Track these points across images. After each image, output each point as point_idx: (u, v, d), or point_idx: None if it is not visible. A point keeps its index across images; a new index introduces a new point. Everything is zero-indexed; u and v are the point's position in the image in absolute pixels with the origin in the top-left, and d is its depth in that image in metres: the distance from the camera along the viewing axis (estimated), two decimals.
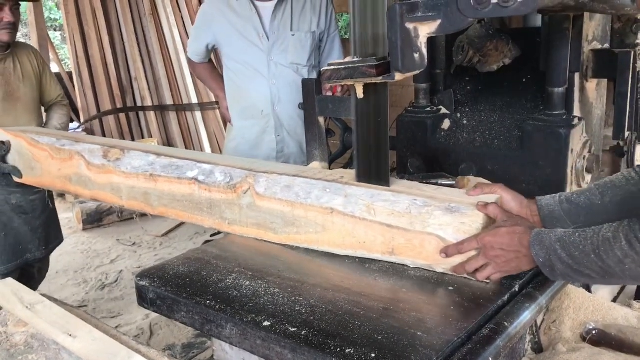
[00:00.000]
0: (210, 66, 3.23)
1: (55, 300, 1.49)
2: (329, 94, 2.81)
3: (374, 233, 1.42)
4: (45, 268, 3.10)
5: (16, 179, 2.38)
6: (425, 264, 1.38)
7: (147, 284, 1.46)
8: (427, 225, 1.35)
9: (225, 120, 3.18)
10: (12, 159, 2.37)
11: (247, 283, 1.40)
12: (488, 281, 1.33)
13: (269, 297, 1.33)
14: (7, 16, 2.56)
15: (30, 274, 2.98)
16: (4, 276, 2.65)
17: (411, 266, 1.41)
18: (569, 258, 1.16)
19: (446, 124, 1.99)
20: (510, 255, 1.26)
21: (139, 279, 1.48)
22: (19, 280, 2.84)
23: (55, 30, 12.79)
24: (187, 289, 1.40)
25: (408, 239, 1.38)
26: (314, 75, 2.94)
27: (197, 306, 1.33)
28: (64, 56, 9.87)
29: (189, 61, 3.23)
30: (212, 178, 1.70)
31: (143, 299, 1.48)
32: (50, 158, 2.14)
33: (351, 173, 1.60)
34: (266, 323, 1.22)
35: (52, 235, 2.94)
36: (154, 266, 1.57)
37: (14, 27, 2.62)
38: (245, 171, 1.66)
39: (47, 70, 2.98)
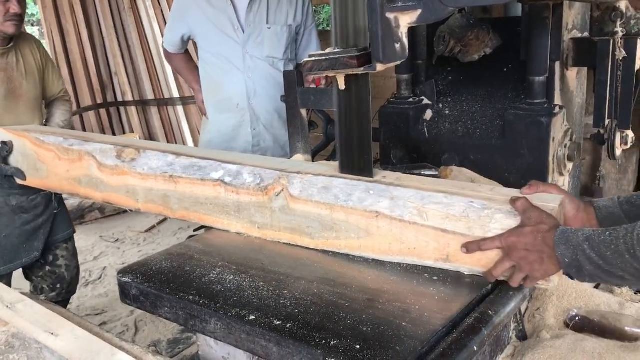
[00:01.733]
0: (186, 57, 3.19)
1: (36, 299, 1.46)
2: (312, 86, 2.80)
3: (426, 238, 1.32)
4: (73, 264, 2.89)
5: (19, 181, 2.26)
6: (484, 271, 1.28)
7: (130, 280, 1.44)
8: (488, 230, 1.24)
9: (202, 113, 3.15)
10: (14, 160, 2.24)
11: (231, 277, 1.39)
12: (520, 287, 1.27)
13: (253, 290, 1.32)
14: (14, 7, 2.42)
15: (60, 275, 2.83)
16: (8, 277, 2.59)
17: (467, 273, 1.31)
18: (599, 258, 1.08)
19: (428, 114, 1.99)
20: (534, 256, 1.18)
21: (121, 275, 1.47)
22: (53, 288, 2.82)
23: (32, 25, 12.59)
24: (170, 285, 1.39)
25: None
26: (290, 69, 2.93)
27: (181, 301, 1.32)
28: None
29: (165, 51, 3.18)
30: (240, 179, 1.59)
31: (126, 296, 1.46)
32: (57, 159, 2.02)
33: (335, 165, 1.60)
34: (251, 317, 1.21)
35: (62, 227, 2.81)
36: (136, 262, 1.55)
37: (20, 18, 2.49)
38: (276, 172, 1.55)
39: (49, 63, 2.84)
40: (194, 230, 2.01)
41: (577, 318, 1.67)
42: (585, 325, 1.65)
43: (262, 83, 2.85)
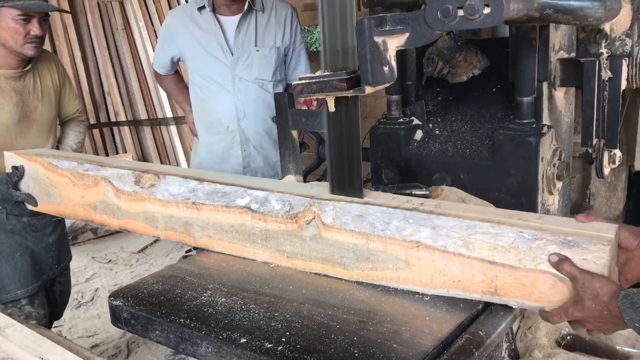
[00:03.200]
0: (176, 78, 3.21)
1: (26, 323, 1.46)
2: (304, 107, 2.82)
3: (472, 270, 1.25)
4: (67, 290, 2.87)
5: (30, 207, 2.18)
6: (537, 306, 1.22)
7: (121, 304, 1.44)
8: (540, 262, 1.18)
9: (192, 134, 3.16)
10: (25, 185, 2.17)
11: (223, 300, 1.40)
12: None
13: (244, 313, 1.32)
14: (35, 29, 2.31)
15: (52, 300, 2.77)
16: (31, 298, 2.49)
17: (515, 307, 1.26)
18: None
19: (418, 134, 2.01)
20: (606, 325, 1.15)
21: (112, 298, 1.47)
22: (43, 306, 2.66)
23: None
24: (161, 308, 1.39)
25: (516, 277, 1.21)
26: (280, 90, 2.95)
27: (172, 325, 1.32)
28: None
29: (155, 73, 3.20)
30: (268, 206, 1.53)
31: (117, 319, 1.46)
32: (71, 184, 1.95)
33: (326, 185, 1.60)
34: (242, 340, 1.21)
35: (63, 253, 2.75)
36: (127, 285, 1.55)
37: (41, 41, 2.39)
38: (306, 198, 1.49)
39: (67, 83, 2.73)
40: (186, 252, 2.00)
41: (568, 337, 1.68)
42: (576, 344, 1.66)
43: (252, 105, 2.87)
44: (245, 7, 2.77)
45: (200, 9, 2.80)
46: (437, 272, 1.29)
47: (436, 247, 1.28)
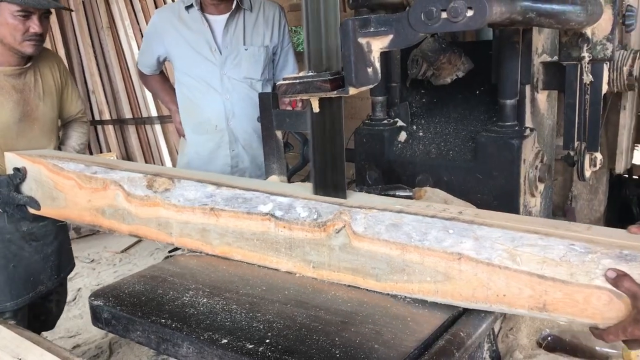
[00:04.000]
0: (162, 78, 3.18)
1: (5, 323, 1.44)
2: (289, 107, 2.82)
3: (518, 285, 1.18)
4: (63, 300, 2.80)
5: (33, 211, 2.08)
6: (589, 323, 1.16)
7: (102, 304, 1.43)
8: (594, 277, 1.11)
9: (179, 134, 3.13)
10: (27, 187, 2.07)
11: (205, 300, 1.39)
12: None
13: (226, 314, 1.32)
14: (34, 26, 2.23)
15: (48, 309, 2.71)
16: (15, 313, 2.39)
17: (564, 323, 1.25)
18: None
19: (402, 136, 2.01)
20: None
21: (92, 298, 1.46)
22: (37, 317, 2.64)
23: None
24: (142, 308, 1.38)
25: (567, 292, 1.14)
26: (268, 89, 2.94)
27: (153, 325, 1.31)
28: None
29: (140, 73, 3.17)
30: (293, 214, 1.46)
31: (97, 319, 1.45)
32: (78, 187, 1.87)
33: (310, 185, 1.60)
34: (223, 340, 1.21)
35: (65, 262, 2.66)
36: (108, 285, 1.54)
37: (40, 38, 2.30)
38: (335, 206, 1.42)
39: (69, 82, 2.64)
40: (169, 252, 1.98)
41: (549, 338, 1.69)
42: (557, 344, 1.68)
43: (240, 104, 2.86)
44: (233, 6, 2.77)
45: (188, 7, 2.79)
46: (479, 285, 1.22)
47: (480, 259, 1.21)
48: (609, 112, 2.27)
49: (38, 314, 2.67)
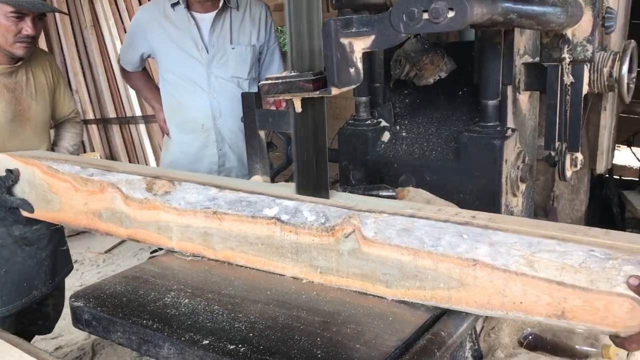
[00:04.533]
0: (145, 75, 3.15)
1: None
2: (273, 107, 2.81)
3: (535, 292, 1.15)
4: (61, 303, 2.73)
5: (25, 214, 2.01)
6: (610, 331, 1.13)
7: (82, 305, 1.42)
8: (616, 284, 1.08)
9: (163, 132, 3.11)
10: (20, 190, 2.01)
11: (186, 301, 1.38)
12: None
13: (207, 314, 1.31)
14: (27, 28, 2.17)
15: (45, 314, 2.66)
16: (3, 319, 2.33)
17: (583, 331, 1.20)
18: None
19: (386, 136, 2.02)
20: None
21: (73, 299, 1.44)
22: (33, 322, 2.58)
23: None
24: (123, 309, 1.37)
25: (587, 300, 1.11)
26: (255, 89, 2.93)
27: (134, 326, 1.30)
28: None
29: (122, 70, 3.13)
30: (300, 217, 1.42)
31: (78, 320, 1.44)
32: (73, 190, 1.81)
33: (293, 185, 1.60)
34: (204, 341, 1.20)
35: (60, 266, 2.60)
36: (89, 286, 1.53)
37: (32, 41, 2.24)
38: (344, 210, 1.38)
39: (61, 82, 2.58)
40: (151, 253, 1.97)
41: (530, 337, 1.71)
42: (538, 343, 1.69)
43: (227, 103, 2.85)
44: (220, 5, 2.75)
45: (174, 5, 2.77)
46: (495, 292, 1.19)
47: (496, 265, 1.18)
48: (589, 112, 2.29)
49: (34, 319, 2.62)
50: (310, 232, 1.40)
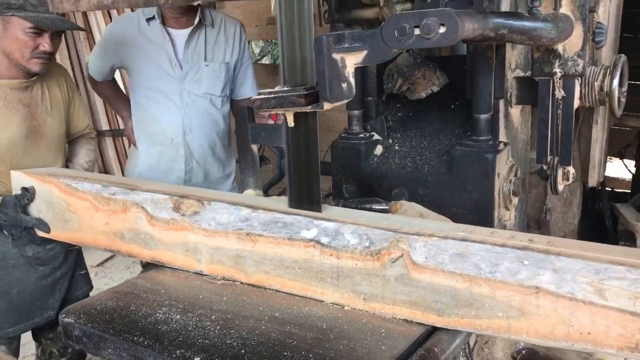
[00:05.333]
0: (113, 85, 3.14)
1: None
2: (270, 121, 2.81)
3: (605, 322, 1.09)
4: None
5: (42, 234, 1.95)
6: None
7: (72, 321, 1.41)
8: None
9: (130, 142, 3.08)
10: (36, 209, 1.95)
11: (178, 317, 1.37)
12: None
13: (199, 330, 1.30)
14: (45, 44, 2.12)
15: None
16: (11, 339, 2.29)
17: None
18: None
19: (378, 149, 2.02)
20: None
21: (63, 315, 1.43)
22: (52, 339, 2.52)
23: None
24: (114, 325, 1.36)
25: None
26: (228, 106, 2.96)
27: (124, 342, 1.29)
28: None
29: (90, 78, 3.10)
30: (341, 240, 1.35)
31: (68, 337, 1.43)
32: (94, 209, 1.75)
33: (286, 200, 1.60)
34: (196, 358, 1.19)
35: (78, 285, 2.53)
36: (80, 302, 1.52)
37: (49, 57, 2.19)
38: (389, 232, 1.32)
39: (76, 97, 2.52)
40: (143, 267, 1.95)
41: (524, 351, 1.70)
42: (531, 357, 1.68)
43: (198, 119, 2.84)
44: (196, 22, 2.76)
45: (149, 20, 2.76)
46: (560, 322, 1.13)
47: (561, 293, 1.12)
48: (581, 126, 2.31)
49: (53, 337, 2.56)
50: (353, 256, 1.34)
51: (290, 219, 1.45)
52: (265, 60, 9.81)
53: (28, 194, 1.93)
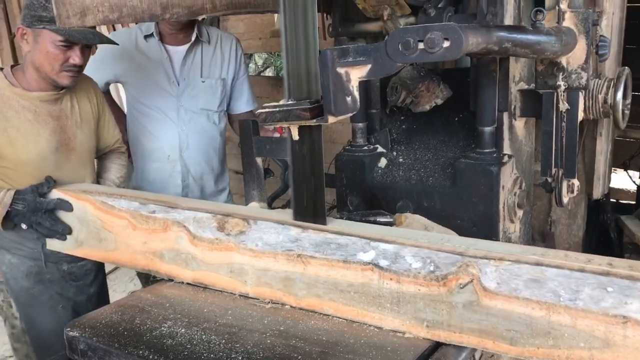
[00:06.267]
0: (108, 98, 3.14)
1: None
2: (276, 134, 2.82)
3: None
4: None
5: (76, 252, 1.89)
6: None
7: (78, 334, 1.41)
8: None
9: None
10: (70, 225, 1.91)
11: (183, 330, 1.37)
12: None
13: (204, 344, 1.30)
14: (75, 57, 2.09)
15: None
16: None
17: None
18: None
19: (383, 162, 2.02)
20: None
21: (68, 329, 1.43)
22: None
23: None
24: (119, 339, 1.36)
25: None
26: (225, 121, 2.98)
27: (130, 356, 1.29)
28: None
29: None
30: (402, 264, 1.29)
31: (73, 351, 1.43)
32: (131, 228, 1.71)
33: (291, 212, 1.60)
34: None
35: (105, 302, 2.47)
36: (85, 315, 1.52)
37: (79, 70, 2.16)
38: (455, 256, 1.25)
39: (106, 110, 2.47)
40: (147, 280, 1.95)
41: None
42: None
43: (195, 136, 2.85)
44: (193, 38, 2.78)
45: (147, 37, 2.78)
46: None
47: None
48: (585, 138, 2.31)
49: None
50: (415, 281, 1.27)
51: (344, 240, 1.39)
52: (269, 72, 9.84)
53: (48, 183, 1.91)
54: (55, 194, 1.93)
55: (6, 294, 2.57)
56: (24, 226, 2.00)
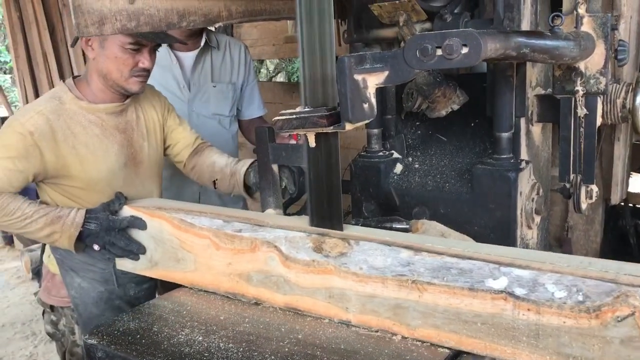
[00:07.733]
0: None
1: None
2: (292, 141, 2.82)
3: None
4: None
5: (150, 274, 1.81)
6: None
7: (96, 342, 1.41)
8: None
9: None
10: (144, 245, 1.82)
11: (200, 338, 1.37)
12: None
13: (222, 352, 1.30)
14: (145, 61, 1.98)
15: None
16: None
17: None
18: None
19: (398, 168, 2.02)
20: None
21: (87, 337, 1.43)
22: None
23: (4, 73, 12.58)
24: (137, 347, 1.36)
25: None
26: (236, 126, 2.99)
27: None
28: (14, 99, 9.68)
29: None
30: (543, 293, 1.16)
31: (91, 358, 1.43)
32: (214, 248, 1.61)
33: (306, 219, 1.59)
34: None
35: None
36: (102, 323, 1.52)
37: (148, 75, 2.05)
38: (607, 284, 1.11)
39: (173, 113, 2.31)
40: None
41: None
42: None
43: (209, 140, 2.86)
44: (202, 44, 2.80)
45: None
46: None
47: None
48: (603, 143, 2.28)
49: None
50: (560, 313, 1.14)
51: (467, 265, 1.27)
52: (280, 78, 9.88)
53: (119, 200, 1.83)
54: (127, 211, 1.84)
55: (69, 319, 2.47)
56: (96, 247, 1.89)
